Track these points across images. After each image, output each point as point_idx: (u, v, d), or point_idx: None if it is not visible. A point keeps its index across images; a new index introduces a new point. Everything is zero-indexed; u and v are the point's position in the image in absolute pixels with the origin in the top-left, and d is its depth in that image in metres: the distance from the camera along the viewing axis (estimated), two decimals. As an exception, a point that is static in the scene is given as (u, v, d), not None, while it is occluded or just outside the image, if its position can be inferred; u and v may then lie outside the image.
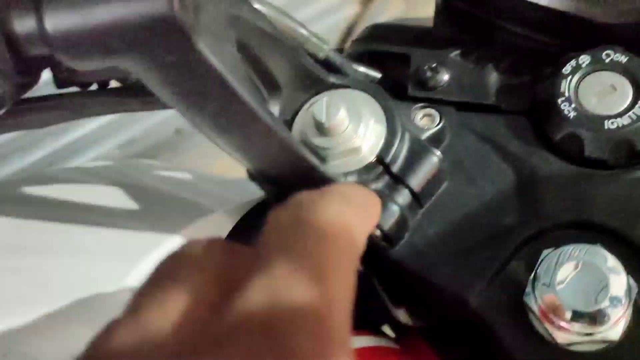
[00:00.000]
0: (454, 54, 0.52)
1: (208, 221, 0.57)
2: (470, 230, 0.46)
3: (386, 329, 0.72)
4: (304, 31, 0.47)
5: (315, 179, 0.42)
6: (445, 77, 0.51)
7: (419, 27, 0.58)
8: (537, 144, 0.47)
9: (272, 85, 0.45)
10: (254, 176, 0.45)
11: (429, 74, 0.51)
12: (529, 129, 0.48)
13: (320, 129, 0.44)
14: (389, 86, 0.53)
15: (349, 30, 2.10)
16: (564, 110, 0.45)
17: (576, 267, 0.40)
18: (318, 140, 0.45)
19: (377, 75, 0.53)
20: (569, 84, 0.46)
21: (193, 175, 0.63)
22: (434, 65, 0.51)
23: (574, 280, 0.40)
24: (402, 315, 0.56)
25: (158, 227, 0.50)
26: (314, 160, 0.42)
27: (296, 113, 0.47)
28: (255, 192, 0.52)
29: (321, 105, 0.44)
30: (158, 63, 0.34)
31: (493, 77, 0.50)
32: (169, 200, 0.57)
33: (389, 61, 0.54)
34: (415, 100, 0.50)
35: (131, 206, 0.52)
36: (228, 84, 0.36)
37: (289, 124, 0.47)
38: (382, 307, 0.64)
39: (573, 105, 0.45)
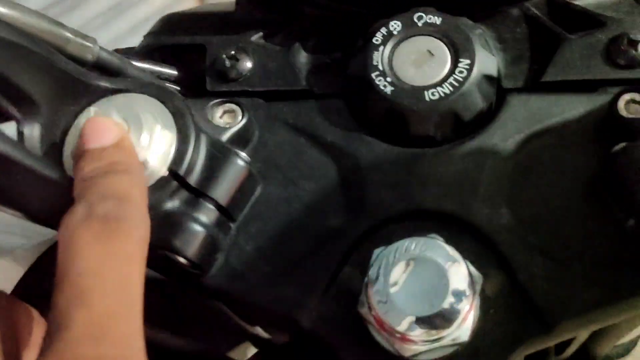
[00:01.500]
0: (256, 37, 0.45)
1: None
2: (293, 240, 0.39)
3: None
4: (63, 31, 0.38)
5: None
6: (247, 64, 0.44)
7: (219, 12, 0.51)
8: (357, 127, 0.41)
9: (25, 103, 0.36)
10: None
11: (227, 63, 0.44)
12: (346, 112, 0.41)
13: None
14: (188, 85, 0.46)
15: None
16: (379, 85, 0.40)
17: (408, 265, 0.35)
18: None
19: (172, 72, 0.46)
20: (382, 55, 0.40)
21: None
22: (232, 52, 0.44)
23: (409, 281, 0.34)
24: (260, 331, 0.49)
25: None
26: None
27: (66, 131, 0.39)
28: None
29: (88, 117, 0.36)
30: None
31: (302, 58, 0.44)
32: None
33: (186, 55, 0.47)
34: (216, 95, 0.43)
35: None
36: None
37: (59, 146, 0.38)
38: (236, 325, 0.57)
39: (389, 79, 0.40)
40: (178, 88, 0.46)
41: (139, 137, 0.37)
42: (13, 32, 0.35)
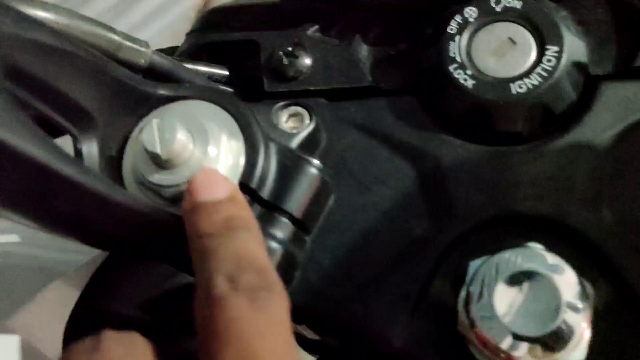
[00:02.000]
0: (312, 30, 0.42)
1: (49, 291, 0.45)
2: (375, 251, 0.36)
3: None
4: (114, 36, 0.35)
5: (167, 228, 0.31)
6: (306, 61, 0.40)
7: (266, 3, 0.47)
8: (434, 126, 0.37)
9: (81, 117, 0.33)
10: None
11: (285, 60, 0.40)
12: (421, 109, 0.38)
13: (158, 161, 0.33)
14: (241, 85, 0.43)
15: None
16: (459, 79, 0.36)
17: (512, 279, 0.32)
18: (158, 178, 0.33)
19: (223, 72, 0.43)
20: (459, 45, 0.37)
21: (22, 237, 0.50)
22: (289, 48, 0.40)
23: (516, 298, 0.31)
24: (306, 331, 0.46)
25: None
26: (159, 211, 0.31)
27: (123, 145, 0.35)
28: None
29: (151, 131, 0.33)
30: None
31: (364, 52, 0.41)
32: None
33: (236, 52, 0.43)
34: (275, 97, 0.40)
35: None
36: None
37: (117, 160, 0.35)
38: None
39: (469, 72, 0.36)
40: (231, 90, 0.42)
41: (205, 149, 0.34)
42: (62, 39, 0.31)
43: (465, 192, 0.36)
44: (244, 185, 0.34)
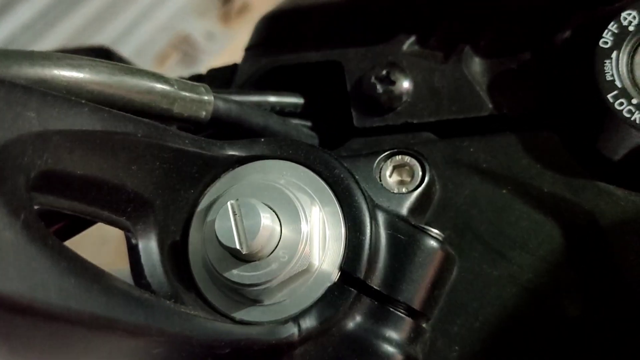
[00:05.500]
0: (409, 43, 0.33)
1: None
2: (515, 339, 0.28)
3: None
4: (165, 87, 0.27)
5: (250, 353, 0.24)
6: (405, 86, 0.32)
7: (336, 2, 0.39)
8: (586, 171, 0.29)
9: (135, 207, 0.25)
10: None
11: (379, 88, 0.32)
12: (564, 148, 0.29)
13: (237, 255, 0.25)
14: (321, 117, 0.35)
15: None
16: (621, 110, 0.27)
17: None
18: (238, 275, 0.26)
19: (297, 101, 0.34)
20: (618, 64, 0.28)
21: None
22: (383, 72, 0.32)
23: None
24: None
25: None
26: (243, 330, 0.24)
27: (188, 223, 0.27)
28: None
29: (226, 219, 0.25)
30: None
31: (477, 67, 0.32)
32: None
33: (312, 75, 0.35)
34: (368, 133, 0.32)
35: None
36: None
37: (181, 247, 0.27)
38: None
39: (635, 101, 0.27)
40: (308, 123, 0.34)
41: (297, 232, 0.26)
42: (104, 116, 0.23)
43: (636, 259, 0.27)
44: (347, 274, 0.26)
